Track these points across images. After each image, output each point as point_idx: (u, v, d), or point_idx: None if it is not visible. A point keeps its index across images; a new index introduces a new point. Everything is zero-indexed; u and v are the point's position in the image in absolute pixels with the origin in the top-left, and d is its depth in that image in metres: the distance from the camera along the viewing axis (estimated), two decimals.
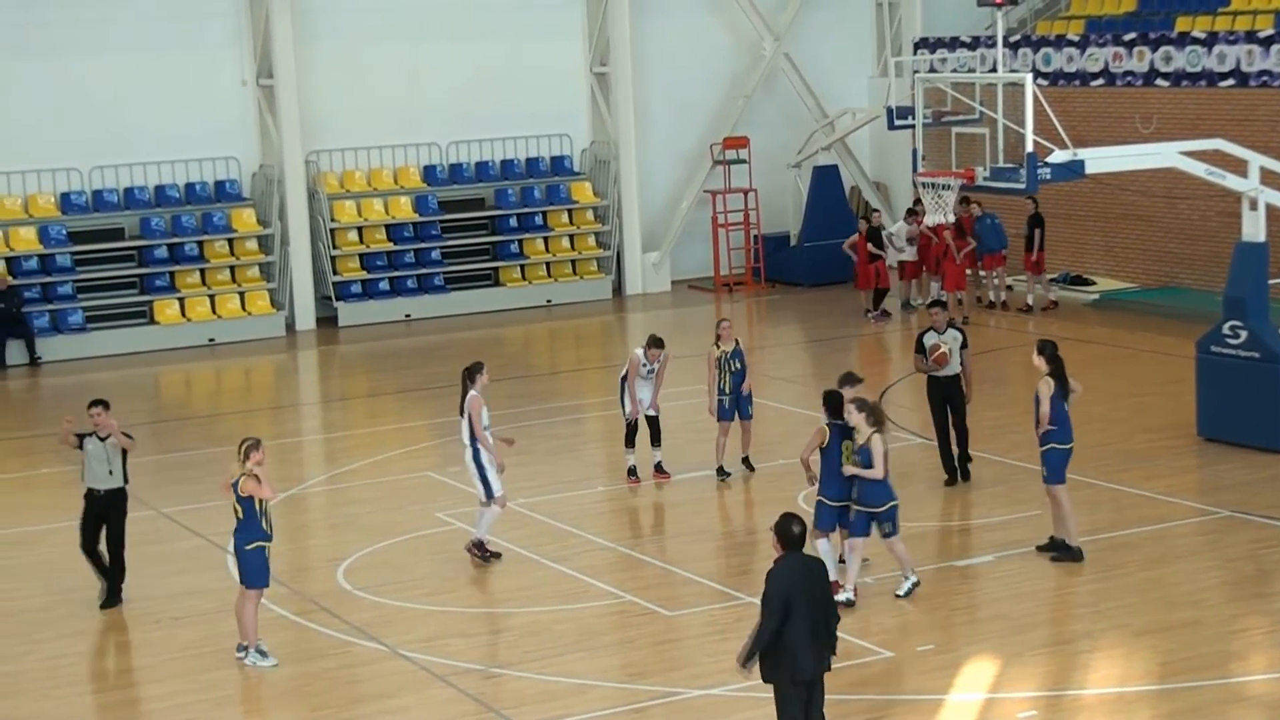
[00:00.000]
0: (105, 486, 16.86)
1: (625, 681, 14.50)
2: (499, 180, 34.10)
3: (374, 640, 15.71)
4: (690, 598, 16.51)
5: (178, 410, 27.31)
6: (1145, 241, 31.33)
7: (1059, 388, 16.91)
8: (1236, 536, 17.64)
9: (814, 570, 11.81)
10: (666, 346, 20.48)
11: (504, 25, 33.89)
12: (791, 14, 35.46)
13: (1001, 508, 18.66)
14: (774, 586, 11.56)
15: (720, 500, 20.18)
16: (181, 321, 31.14)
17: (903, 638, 15.17)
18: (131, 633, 16.35)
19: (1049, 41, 33.02)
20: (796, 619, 11.49)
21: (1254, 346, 20.52)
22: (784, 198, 35.19)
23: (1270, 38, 29.07)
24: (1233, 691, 13.79)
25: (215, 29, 31.94)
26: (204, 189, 32.10)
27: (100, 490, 16.86)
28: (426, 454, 22.52)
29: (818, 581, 11.74)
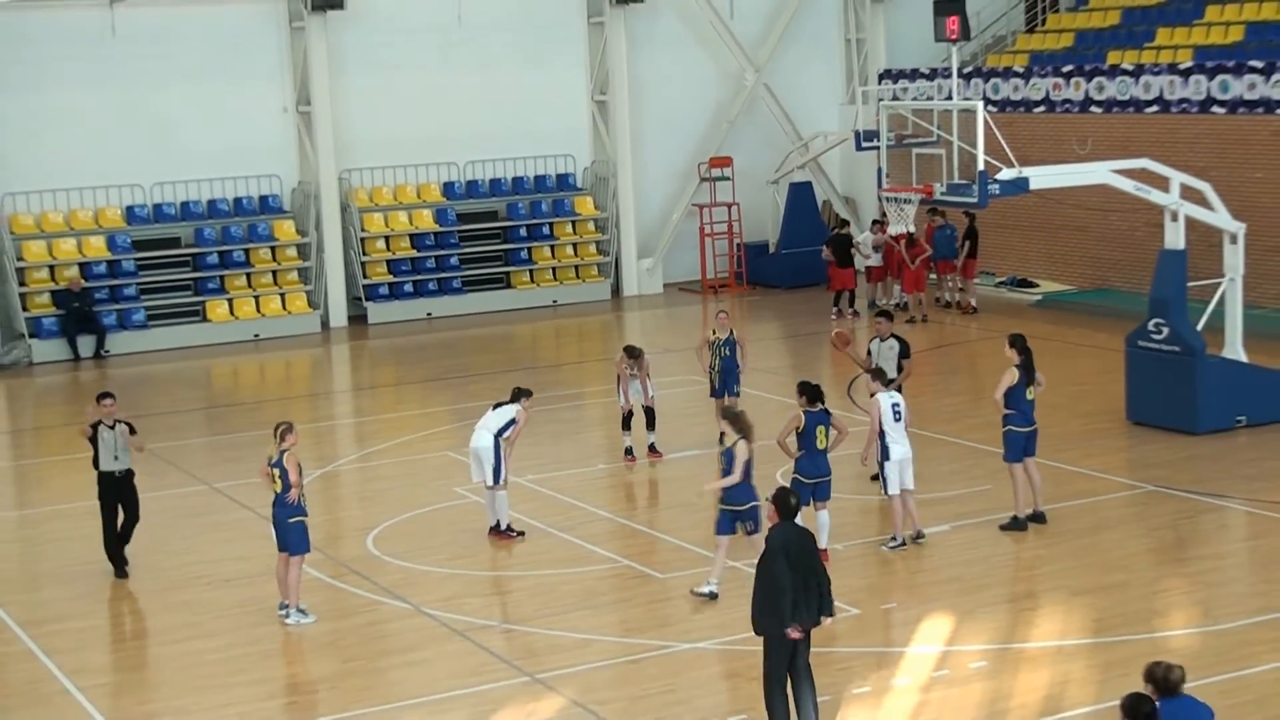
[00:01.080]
0: (118, 468, 16.83)
1: (623, 636, 14.52)
2: (510, 195, 34.05)
3: (400, 600, 15.72)
4: (680, 562, 16.53)
5: (226, 398, 27.29)
6: (1082, 249, 31.33)
7: (1024, 376, 16.90)
8: (1160, 509, 17.65)
9: (805, 536, 11.92)
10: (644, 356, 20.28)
11: (515, 58, 33.85)
12: (771, 48, 35.46)
13: (956, 483, 18.68)
14: (773, 541, 11.70)
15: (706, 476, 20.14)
16: (230, 319, 31.11)
17: (869, 597, 15.18)
18: (187, 593, 16.35)
19: (997, 73, 33.01)
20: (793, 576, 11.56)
21: (1175, 341, 20.53)
22: (763, 210, 35.17)
23: (1189, 69, 29.08)
24: (1157, 645, 13.80)
25: (260, 62, 31.90)
26: (250, 203, 32.06)
27: (115, 472, 16.83)
28: (446, 436, 22.52)
29: (808, 546, 11.85)
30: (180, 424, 24.13)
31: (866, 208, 34.93)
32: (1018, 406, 16.89)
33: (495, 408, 17.65)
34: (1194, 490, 18.17)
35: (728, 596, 15.28)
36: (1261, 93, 27.79)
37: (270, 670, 14.26)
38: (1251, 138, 28.02)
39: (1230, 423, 20.56)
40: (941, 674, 13.37)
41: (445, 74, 33.20)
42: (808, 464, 16.00)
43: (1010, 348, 17.03)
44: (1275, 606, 14.43)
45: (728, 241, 34.75)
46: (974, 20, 33.09)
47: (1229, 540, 16.99)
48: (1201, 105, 28.78)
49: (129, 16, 30.71)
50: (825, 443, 16.00)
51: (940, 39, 22.40)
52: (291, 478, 14.91)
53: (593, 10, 34.29)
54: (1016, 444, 16.92)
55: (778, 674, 11.75)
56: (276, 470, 14.99)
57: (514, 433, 17.41)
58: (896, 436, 16.40)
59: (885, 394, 16.55)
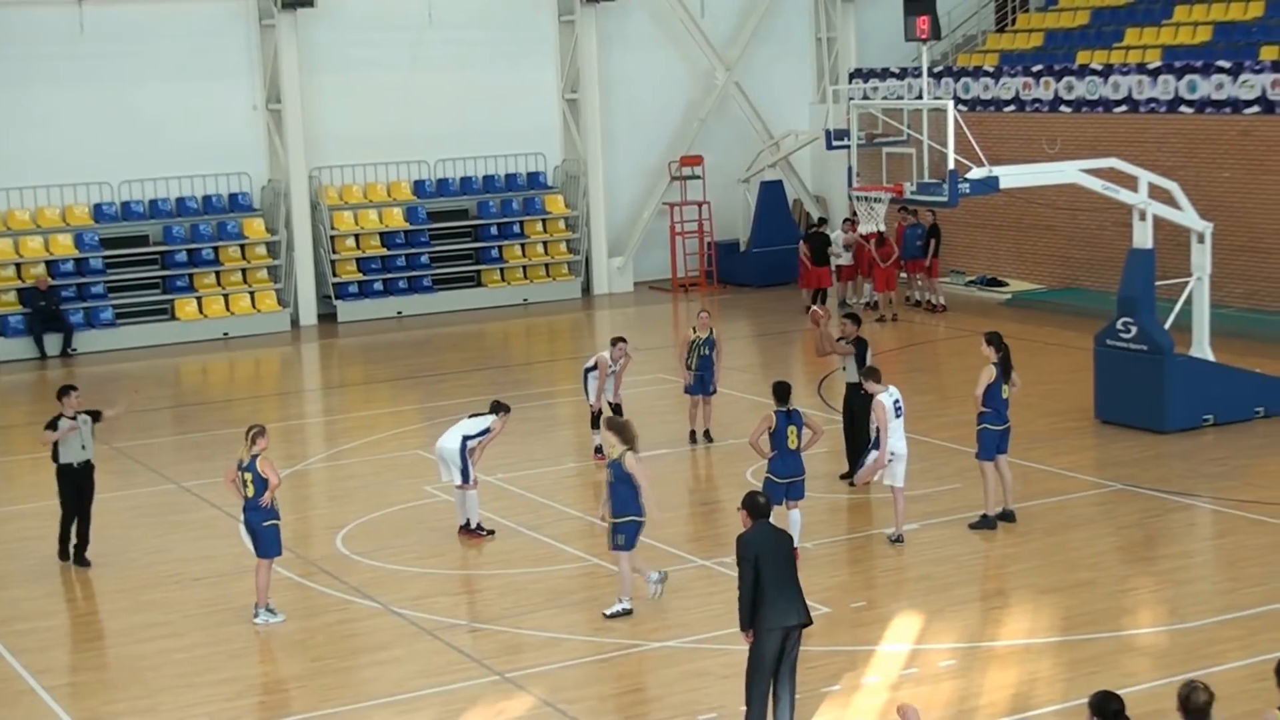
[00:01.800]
0: (80, 460, 16.94)
1: (592, 635, 14.51)
2: (481, 193, 34.01)
3: (369, 599, 15.69)
4: (650, 561, 16.46)
5: (195, 396, 27.18)
6: (1051, 248, 31.45)
7: (1001, 374, 16.93)
8: (1128, 507, 17.72)
9: (779, 536, 11.96)
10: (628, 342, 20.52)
11: (486, 56, 33.81)
12: (741, 47, 35.49)
13: (926, 482, 18.70)
14: (744, 549, 11.72)
15: (677, 474, 20.20)
16: (199, 318, 31.00)
17: (839, 596, 15.20)
18: (155, 592, 16.28)
19: (968, 72, 33.10)
20: (769, 575, 11.58)
21: (1143, 340, 20.61)
22: (734, 209, 35.21)
23: (1158, 69, 29.22)
24: (1124, 643, 13.88)
25: (230, 60, 31.79)
26: (219, 201, 31.95)
27: (76, 464, 16.92)
28: (416, 435, 22.47)
29: (783, 545, 11.88)
30: (149, 422, 24.01)
31: (837, 206, 34.97)
32: (993, 405, 16.93)
33: (472, 417, 17.64)
34: (1161, 489, 18.26)
35: (696, 594, 15.31)
36: (1229, 93, 27.95)
37: (239, 669, 14.21)
38: (1219, 137, 28.18)
39: (1197, 421, 20.67)
40: (911, 672, 13.40)
41: (416, 72, 33.14)
42: (780, 464, 16.01)
43: (988, 345, 17.06)
44: (1241, 604, 14.51)
45: (698, 240, 34.77)
46: (944, 20, 33.14)
47: (1196, 539, 17.08)
48: (1169, 105, 28.92)
49: (97, 14, 30.55)
50: (797, 442, 16.01)
51: (911, 38, 22.44)
52: (272, 481, 14.85)
53: (563, 9, 34.27)
54: (990, 442, 16.97)
55: (761, 668, 11.71)
56: (249, 474, 14.92)
57: (485, 441, 17.41)
58: (894, 434, 16.39)
59: (886, 393, 16.46)
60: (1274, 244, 27.56)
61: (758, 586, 11.59)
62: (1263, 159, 27.58)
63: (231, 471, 15.12)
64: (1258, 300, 27.76)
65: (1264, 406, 21.09)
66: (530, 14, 34.25)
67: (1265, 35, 29.17)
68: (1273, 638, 13.54)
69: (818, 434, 16.35)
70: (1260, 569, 15.45)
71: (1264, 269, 27.71)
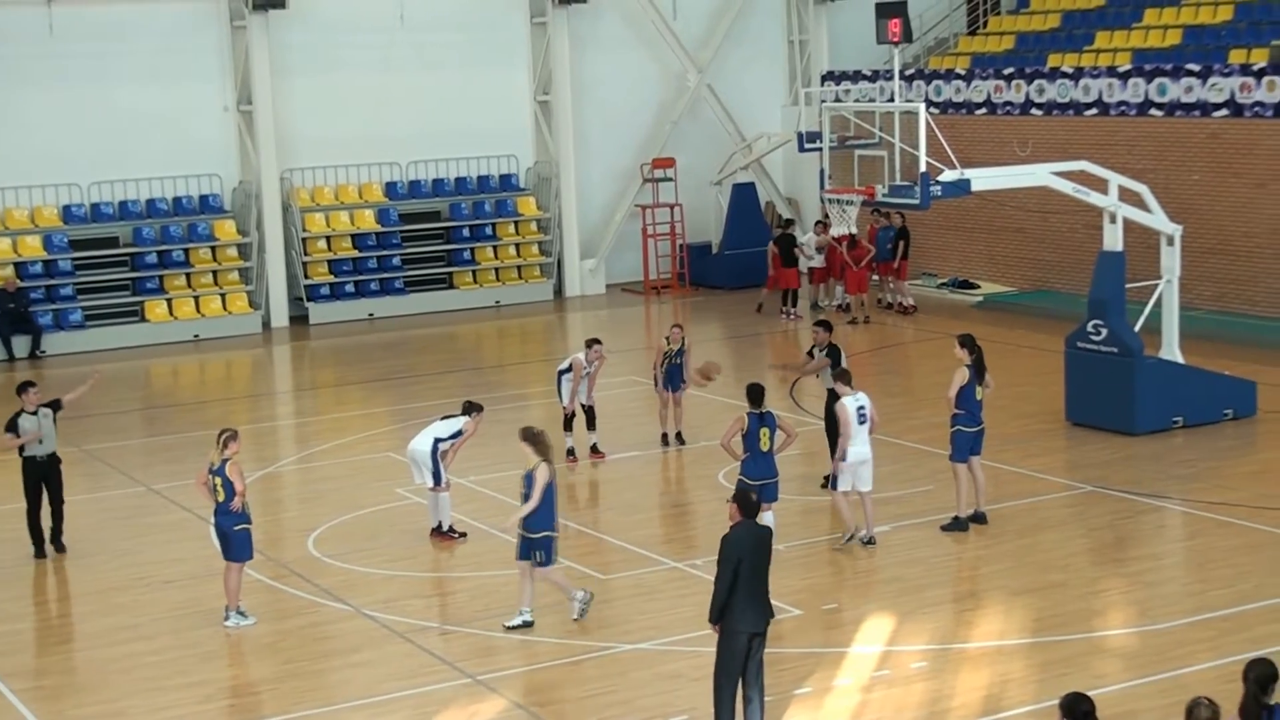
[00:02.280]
0: (43, 453, 17.26)
1: (563, 638, 14.49)
2: (453, 195, 33.96)
3: (340, 601, 15.64)
4: (621, 563, 16.53)
5: (166, 398, 27.07)
6: (1022, 250, 31.55)
7: (974, 376, 16.97)
8: (1098, 509, 17.79)
9: (762, 537, 11.95)
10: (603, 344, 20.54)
11: (458, 58, 33.76)
12: (713, 50, 35.52)
13: (898, 484, 18.74)
14: (730, 548, 11.71)
15: (648, 476, 20.21)
16: (169, 320, 30.87)
17: (811, 598, 15.21)
18: (125, 595, 16.21)
19: (940, 75, 33.20)
20: (745, 578, 11.59)
21: (1113, 343, 20.69)
22: (706, 211, 35.22)
23: (1128, 72, 29.35)
24: (1095, 644, 13.93)
25: (200, 62, 31.67)
26: (190, 202, 31.82)
27: (39, 456, 17.25)
28: (388, 437, 22.42)
29: (763, 548, 11.87)
30: (119, 425, 23.92)
31: (809, 209, 35.03)
32: (966, 406, 16.97)
33: (444, 419, 17.61)
34: (1132, 490, 18.33)
35: (668, 596, 15.31)
36: (1198, 96, 28.09)
37: (210, 673, 14.15)
38: (1188, 140, 28.32)
39: (1167, 423, 20.76)
40: (882, 674, 13.42)
41: (387, 74, 33.08)
42: (753, 466, 16.01)
43: (960, 347, 17.10)
44: (1211, 606, 14.58)
45: (670, 242, 34.78)
46: (916, 23, 33.27)
47: (1166, 540, 17.16)
48: (1139, 108, 29.06)
49: (67, 15, 30.40)
50: (770, 445, 16.02)
51: (882, 41, 22.49)
52: (237, 486, 14.81)
53: (535, 11, 34.25)
54: (964, 444, 17.01)
55: (729, 669, 11.75)
56: (218, 479, 14.88)
57: (458, 443, 17.38)
58: (858, 438, 16.42)
59: (852, 396, 16.50)
60: (1242, 247, 27.71)
61: (733, 588, 11.61)
62: (1231, 162, 27.72)
63: (203, 474, 15.07)
64: (1226, 303, 27.91)
65: (1233, 409, 21.20)
66: (502, 16, 34.22)
67: (1234, 39, 29.34)
68: (1242, 639, 13.60)
69: (791, 436, 16.37)
70: (1229, 570, 15.53)
71: (1232, 272, 27.86)
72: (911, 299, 30.44)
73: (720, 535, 12.00)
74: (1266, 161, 27.22)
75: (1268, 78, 27.03)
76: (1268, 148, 27.17)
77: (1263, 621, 14.06)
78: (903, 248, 30.30)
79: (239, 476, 14.90)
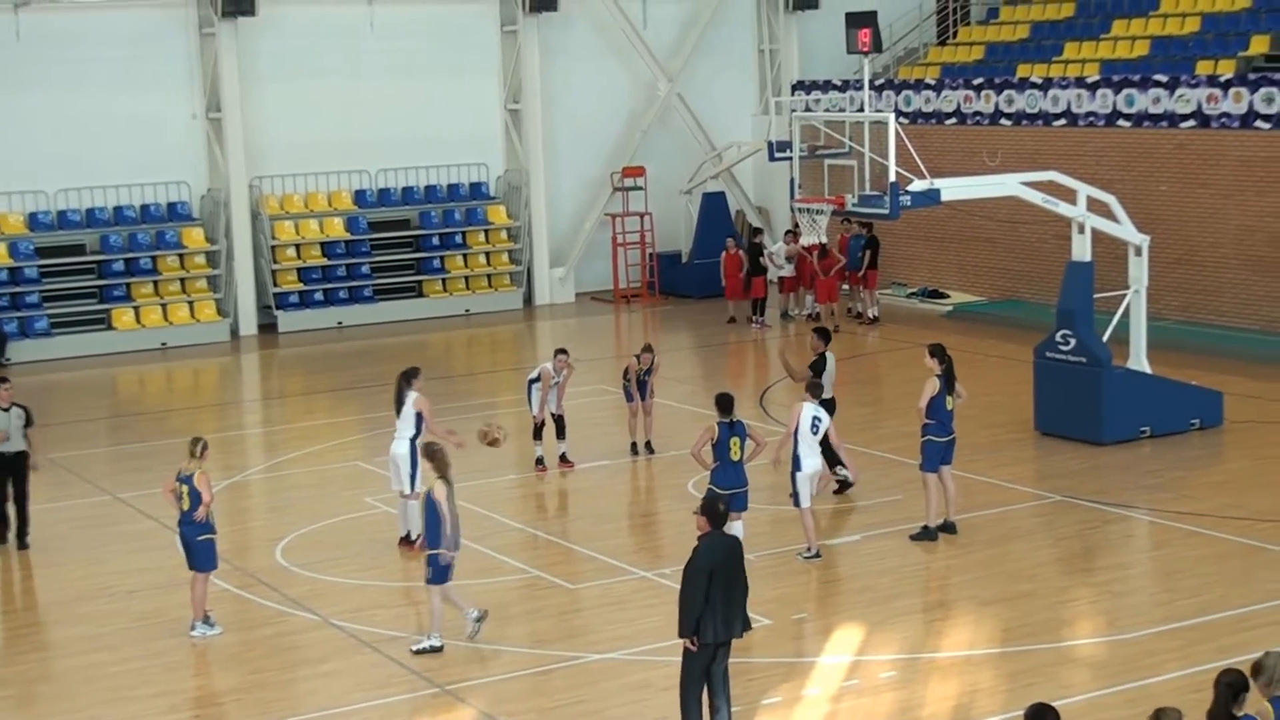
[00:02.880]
0: (10, 450, 17.68)
1: (533, 647, 14.45)
2: (423, 203, 33.90)
3: (308, 611, 15.56)
4: (591, 573, 16.50)
5: (132, 407, 26.92)
6: (992, 260, 31.66)
7: (945, 386, 17.00)
8: (1067, 518, 17.83)
9: (731, 547, 11.91)
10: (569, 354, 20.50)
11: (428, 66, 33.72)
12: (684, 59, 35.56)
13: (867, 493, 18.76)
14: (701, 559, 11.66)
15: (617, 486, 20.18)
16: (136, 328, 30.72)
17: (780, 607, 15.20)
18: (90, 604, 16.10)
19: (909, 85, 33.29)
20: (716, 589, 11.57)
21: (1081, 353, 20.76)
22: (676, 220, 35.24)
23: (1096, 83, 29.49)
24: (1063, 654, 13.96)
25: (169, 69, 31.54)
26: (157, 210, 31.68)
27: (7, 453, 17.68)
28: (356, 446, 22.35)
29: (733, 558, 11.84)
30: (85, 433, 23.79)
31: (779, 218, 35.10)
32: (937, 416, 16.99)
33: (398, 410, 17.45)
34: (1100, 500, 18.38)
35: (637, 605, 15.28)
36: (1166, 107, 28.23)
37: (175, 683, 14.06)
38: (1156, 151, 28.47)
39: (1134, 433, 20.84)
40: (852, 684, 13.41)
41: (357, 81, 33.00)
42: (723, 475, 16.01)
43: (931, 357, 17.13)
44: (1179, 615, 14.62)
45: (640, 251, 34.78)
46: (886, 33, 33.37)
47: (1133, 550, 17.22)
48: (1108, 119, 29.20)
49: (34, 21, 30.25)
50: (740, 454, 16.01)
51: (852, 51, 22.54)
52: (204, 496, 14.74)
53: (505, 19, 34.22)
54: (934, 453, 17.03)
55: (693, 680, 11.76)
56: (185, 486, 14.80)
57: (427, 426, 17.21)
58: (809, 449, 16.43)
59: (809, 404, 16.51)
60: (1209, 257, 27.86)
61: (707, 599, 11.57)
62: (1198, 173, 27.87)
63: (171, 482, 14.99)
64: (1193, 313, 28.05)
65: (1199, 419, 21.30)
66: (472, 24, 34.19)
67: (1201, 50, 29.51)
68: (1209, 648, 13.65)
69: (761, 446, 16.37)
70: (1196, 580, 15.58)
71: (1199, 282, 28.01)
72: (876, 310, 30.45)
73: (690, 545, 11.98)
74: (1233, 172, 27.39)
75: (1234, 89, 27.21)
76: (1234, 158, 27.34)
77: (1229, 631, 14.11)
78: (869, 257, 30.33)
79: (206, 487, 14.83)
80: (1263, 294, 27.19)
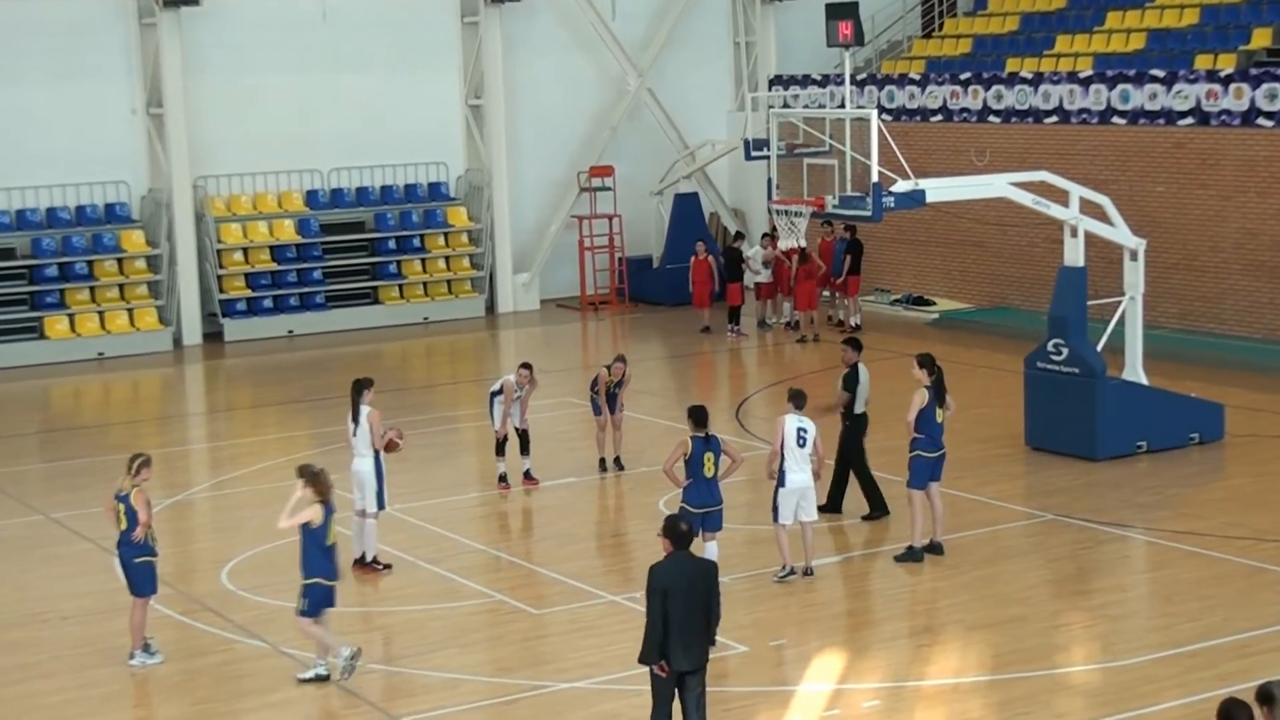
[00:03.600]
0: None
1: (495, 676, 14.44)
2: (379, 205, 33.87)
3: (256, 638, 15.51)
4: (556, 597, 16.49)
5: (67, 421, 26.81)
6: (980, 265, 31.78)
7: (934, 398, 17.03)
8: (1059, 538, 17.90)
9: (697, 569, 11.86)
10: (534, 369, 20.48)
11: (385, 60, 33.70)
12: (655, 52, 35.62)
13: (849, 512, 18.77)
14: (653, 581, 11.66)
15: (585, 504, 20.18)
16: (71, 336, 30.60)
17: (758, 633, 15.21)
18: (22, 631, 16.01)
19: (893, 80, 33.41)
20: (675, 613, 11.53)
21: (1075, 363, 20.84)
22: (647, 223, 35.29)
23: (1089, 78, 29.64)
24: (1056, 681, 13.99)
25: (106, 61, 31.46)
26: (94, 211, 31.58)
27: None
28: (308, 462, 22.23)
29: (698, 580, 11.76)
30: (16, 449, 23.68)
31: (756, 220, 35.16)
32: (926, 430, 17.03)
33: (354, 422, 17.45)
34: (1094, 519, 18.45)
35: (605, 633, 15.27)
36: (1163, 103, 28.39)
37: (113, 714, 14.01)
38: (1153, 150, 28.62)
39: (1130, 448, 20.92)
40: (833, 713, 13.43)
41: (308, 75, 32.96)
42: (695, 493, 16.00)
43: (919, 368, 17.16)
44: (1178, 640, 14.68)
45: (609, 256, 34.80)
46: (868, 24, 33.47)
47: (1130, 571, 17.28)
48: (1101, 116, 29.35)
49: None
50: (714, 470, 16.01)
51: (833, 44, 22.60)
52: (141, 516, 14.68)
53: (466, 9, 34.24)
54: (923, 469, 17.06)
55: (663, 709, 11.74)
56: (122, 505, 14.74)
57: (376, 436, 17.23)
58: (796, 464, 16.39)
59: (793, 416, 16.46)
60: (1208, 262, 28.01)
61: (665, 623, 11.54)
62: (1197, 173, 28.04)
63: (111, 501, 14.92)
64: (1192, 321, 28.20)
65: (1199, 433, 21.40)
66: (431, 15, 34.19)
67: (1200, 44, 29.70)
68: (1210, 676, 13.70)
69: (736, 462, 16.38)
70: (1196, 603, 15.65)
71: (1198, 288, 28.16)
72: (858, 318, 30.51)
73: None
74: (1234, 172, 27.56)
75: (1235, 84, 27.37)
76: (1235, 158, 27.50)
77: (1231, 657, 14.17)
78: (850, 261, 30.35)
79: (144, 506, 14.76)
80: (1265, 301, 27.36)
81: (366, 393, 17.46)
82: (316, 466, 14.70)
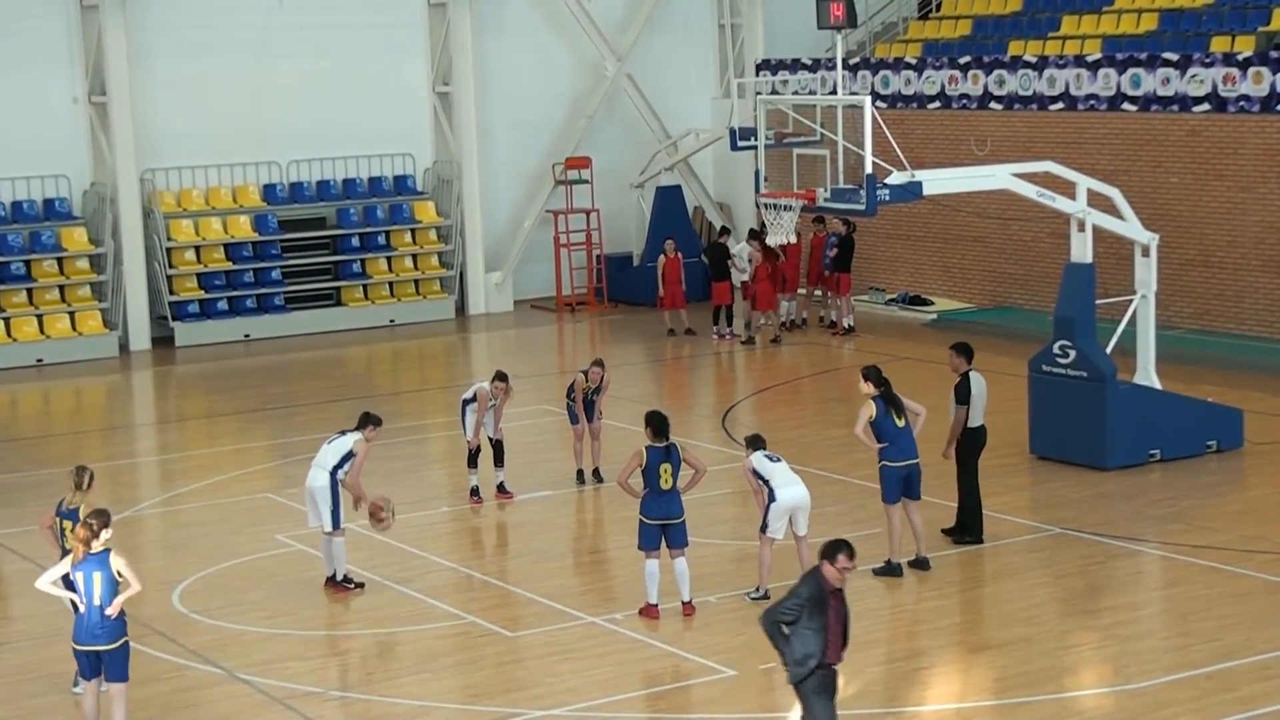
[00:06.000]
0: None
1: (467, 703, 14.44)
2: (341, 199, 33.87)
3: (211, 664, 15.50)
4: (532, 618, 16.49)
5: (3, 432, 26.67)
6: (980, 262, 31.85)
7: (888, 407, 17.05)
8: (1067, 553, 17.94)
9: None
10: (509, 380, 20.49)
11: (346, 43, 33.70)
12: (634, 35, 35.66)
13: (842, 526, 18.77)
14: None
15: (562, 519, 20.18)
16: (6, 341, 30.53)
17: (745, 656, 15.22)
18: None
19: (887, 64, 33.49)
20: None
21: (1082, 366, 20.88)
22: (627, 218, 35.34)
23: (1097, 62, 29.73)
24: (1065, 706, 14.03)
25: (45, 45, 31.42)
26: (31, 207, 31.52)
27: None
28: (266, 476, 22.28)
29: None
30: None
31: (743, 215, 35.20)
32: (891, 438, 17.02)
33: (339, 434, 17.48)
34: (1104, 533, 18.50)
35: (583, 656, 15.28)
36: (1176, 88, 28.48)
37: None
38: (1165, 138, 28.71)
39: (1143, 457, 20.97)
40: None
41: (265, 61, 32.96)
42: (653, 504, 15.95)
43: (865, 381, 17.19)
44: (1194, 662, 14.73)
45: (586, 253, 34.83)
46: (861, 5, 33.57)
47: (1143, 589, 17.33)
48: (1111, 102, 29.43)
49: None
50: (671, 482, 15.98)
51: (824, 26, 22.63)
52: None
53: None
54: (893, 480, 17.04)
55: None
56: (69, 523, 14.71)
57: (353, 467, 17.25)
58: (785, 481, 16.40)
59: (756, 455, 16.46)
60: (1226, 258, 28.11)
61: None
62: (1213, 162, 28.13)
63: (48, 517, 14.90)
64: (1208, 320, 28.29)
65: (1216, 440, 21.47)
66: None
67: (1216, 25, 29.79)
68: (1229, 699, 13.75)
69: (700, 472, 16.38)
70: (1213, 623, 15.70)
71: (1215, 285, 28.25)
72: (851, 320, 30.53)
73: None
74: (1252, 162, 27.65)
75: (1254, 68, 27.47)
76: (1254, 146, 27.60)
77: (1252, 680, 14.22)
78: (837, 257, 30.14)
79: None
80: None
81: (371, 427, 17.44)
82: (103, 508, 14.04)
